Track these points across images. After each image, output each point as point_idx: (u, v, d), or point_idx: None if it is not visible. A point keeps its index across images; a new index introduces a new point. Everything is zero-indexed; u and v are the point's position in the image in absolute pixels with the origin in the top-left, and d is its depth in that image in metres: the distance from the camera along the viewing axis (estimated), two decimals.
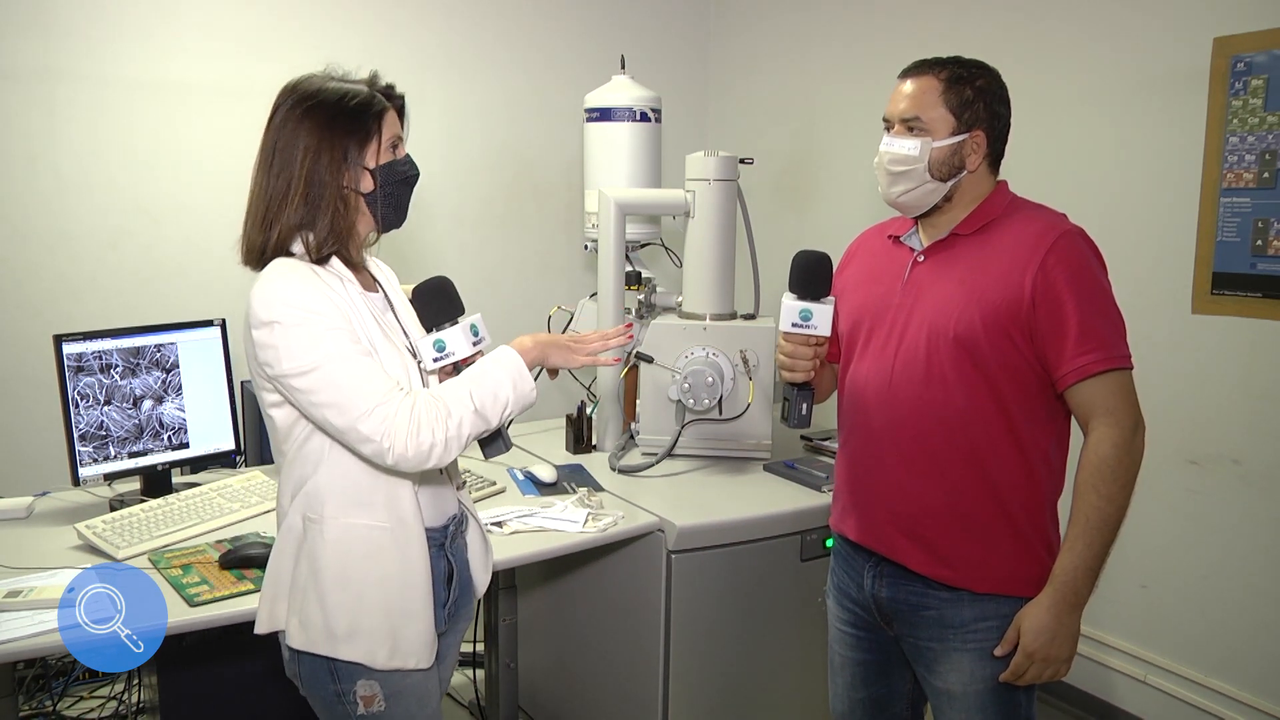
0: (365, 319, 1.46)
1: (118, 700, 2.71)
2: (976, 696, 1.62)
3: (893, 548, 1.67)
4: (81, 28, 2.78)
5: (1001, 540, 1.59)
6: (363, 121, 1.45)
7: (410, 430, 1.35)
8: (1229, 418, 2.41)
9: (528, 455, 2.62)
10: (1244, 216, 2.33)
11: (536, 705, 2.71)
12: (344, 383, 1.35)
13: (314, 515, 1.45)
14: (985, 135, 1.60)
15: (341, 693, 1.48)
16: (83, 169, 2.82)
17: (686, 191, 2.53)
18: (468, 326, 1.46)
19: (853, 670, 1.81)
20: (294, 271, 1.41)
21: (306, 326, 1.36)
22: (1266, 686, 2.38)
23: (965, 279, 1.59)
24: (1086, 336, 1.50)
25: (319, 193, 1.43)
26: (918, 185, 1.61)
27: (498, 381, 1.45)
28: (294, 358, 1.36)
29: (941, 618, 1.63)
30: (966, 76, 1.59)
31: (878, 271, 1.73)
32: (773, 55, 3.66)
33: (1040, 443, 1.59)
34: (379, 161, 1.46)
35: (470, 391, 1.42)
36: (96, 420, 2.13)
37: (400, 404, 1.36)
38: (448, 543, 1.58)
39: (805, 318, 1.65)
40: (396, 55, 3.24)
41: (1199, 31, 2.38)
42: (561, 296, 3.04)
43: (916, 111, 1.59)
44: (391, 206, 1.49)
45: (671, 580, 2.11)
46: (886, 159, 1.62)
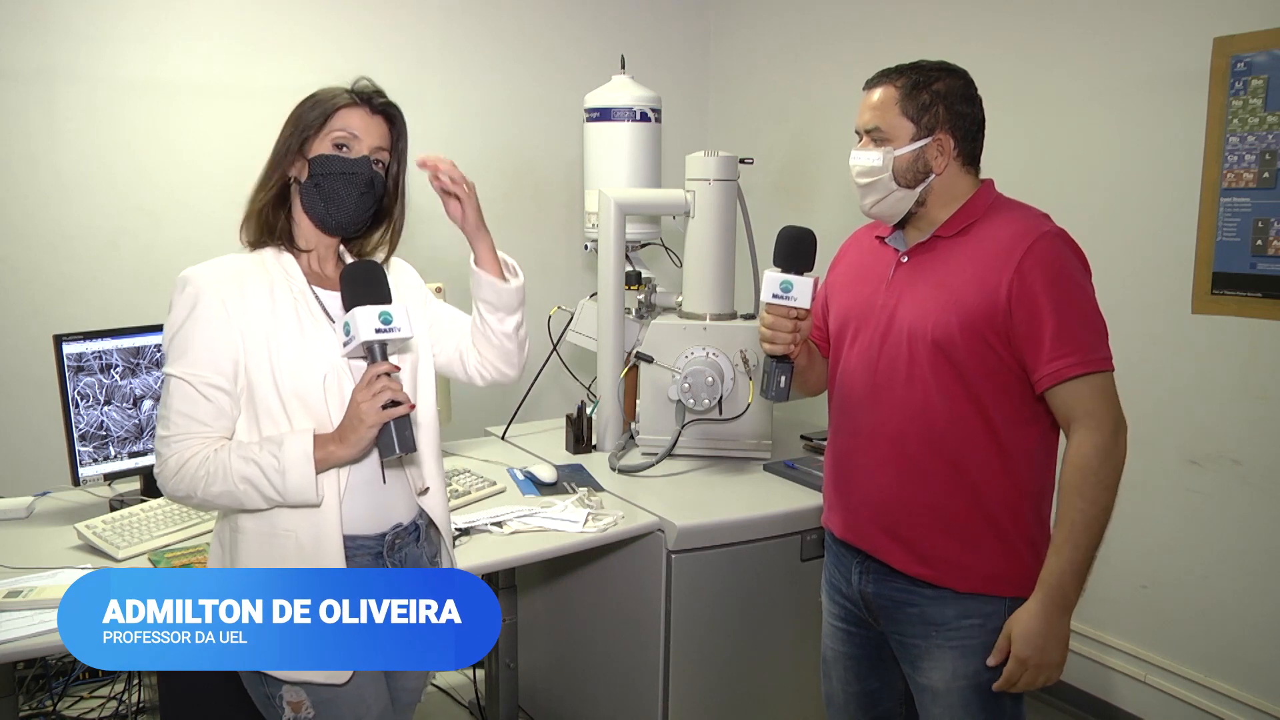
0: (285, 317, 1.46)
1: (118, 700, 2.71)
2: (960, 693, 1.62)
3: (875, 546, 1.68)
4: (81, 28, 2.78)
5: (983, 541, 1.59)
6: (317, 113, 1.48)
7: (177, 477, 1.43)
8: (1229, 418, 2.41)
9: (528, 455, 2.62)
10: (1244, 216, 2.33)
11: (536, 705, 2.71)
12: (171, 403, 1.44)
13: (231, 518, 1.49)
14: (951, 137, 1.60)
15: (270, 695, 1.49)
16: (83, 169, 2.82)
17: (686, 191, 2.53)
18: (378, 313, 1.41)
19: (845, 664, 1.81)
20: (218, 268, 1.46)
21: (181, 334, 1.44)
22: (1266, 686, 2.38)
23: (944, 281, 1.59)
24: (1062, 340, 1.50)
25: (269, 177, 1.50)
26: (886, 194, 1.63)
27: (272, 469, 1.41)
28: (166, 355, 1.47)
29: (924, 615, 1.64)
30: (924, 81, 1.60)
31: (865, 271, 1.74)
32: (773, 55, 3.66)
33: (1023, 444, 1.59)
34: (316, 151, 1.48)
35: (246, 474, 1.41)
36: (96, 420, 2.13)
37: (189, 449, 1.42)
38: (386, 552, 1.54)
39: (786, 289, 1.65)
40: (397, 55, 3.24)
41: (1199, 31, 2.38)
42: (561, 296, 3.04)
43: (876, 122, 1.62)
44: (320, 198, 1.49)
45: (671, 580, 2.11)
46: (854, 171, 1.66)
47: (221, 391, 1.43)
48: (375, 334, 1.40)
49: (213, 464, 1.41)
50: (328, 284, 1.54)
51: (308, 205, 1.50)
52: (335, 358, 1.47)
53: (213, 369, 1.42)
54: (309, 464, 1.40)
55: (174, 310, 1.45)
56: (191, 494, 1.43)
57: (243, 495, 1.41)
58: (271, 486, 1.40)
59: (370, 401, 1.38)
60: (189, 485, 1.42)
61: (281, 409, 1.44)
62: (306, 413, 1.45)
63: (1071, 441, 1.53)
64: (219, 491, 1.41)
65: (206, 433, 1.43)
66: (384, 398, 1.38)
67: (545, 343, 2.85)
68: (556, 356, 2.86)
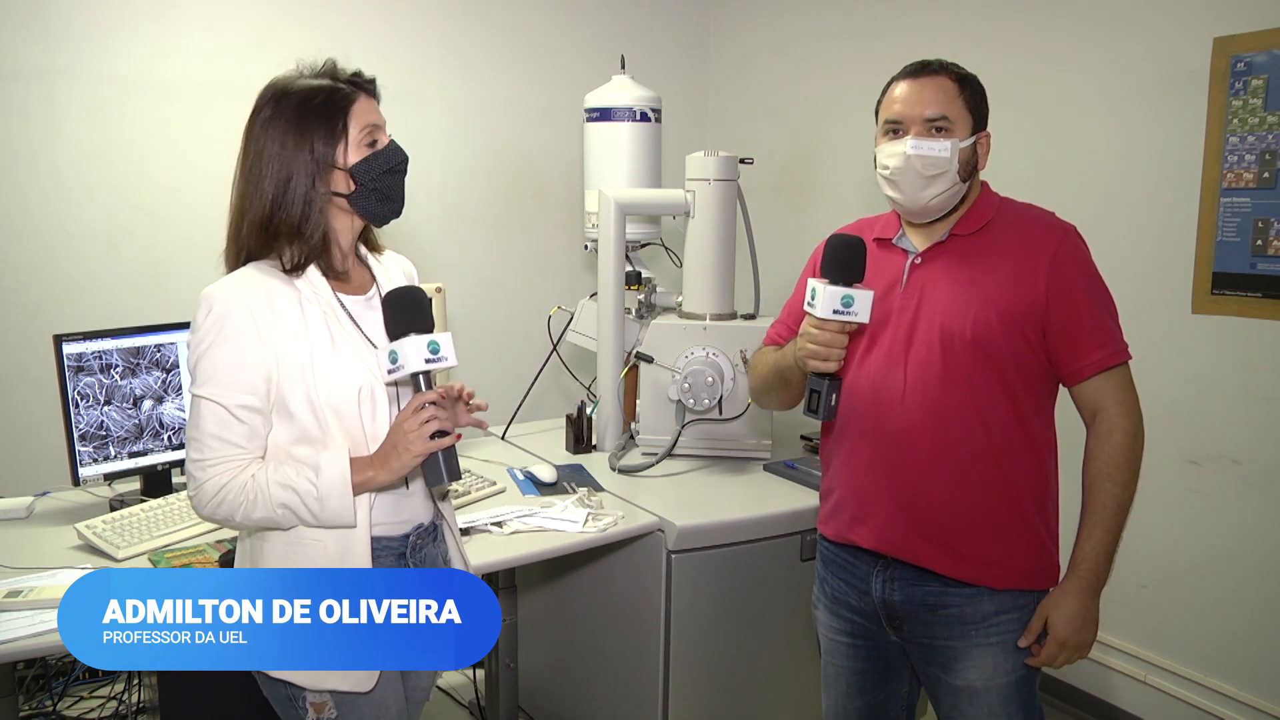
0: (317, 332, 1.43)
1: (118, 700, 2.71)
2: (1000, 690, 1.62)
3: (914, 552, 1.63)
4: (81, 27, 2.78)
5: (1017, 536, 1.61)
6: (330, 119, 1.42)
7: (214, 501, 1.40)
8: (1229, 418, 2.41)
9: (528, 455, 2.62)
10: (1244, 216, 2.33)
11: (536, 705, 2.71)
12: (203, 425, 1.40)
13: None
14: (987, 134, 1.62)
15: (293, 697, 1.48)
16: (83, 169, 2.82)
17: (686, 191, 2.53)
18: (426, 342, 1.40)
19: (849, 680, 1.78)
20: (243, 285, 1.41)
21: (210, 356, 1.39)
22: (1266, 686, 2.38)
23: (976, 279, 1.58)
24: (1099, 331, 1.56)
25: (290, 201, 1.42)
26: (950, 187, 1.58)
27: (310, 495, 1.40)
28: (196, 377, 1.42)
29: (962, 615, 1.62)
30: (968, 77, 1.61)
31: (870, 275, 1.64)
32: (772, 54, 3.66)
33: (1046, 435, 1.63)
34: (351, 159, 1.43)
35: (285, 500, 1.40)
36: (96, 420, 2.13)
37: (225, 473, 1.39)
38: (409, 553, 1.54)
39: (847, 304, 1.53)
40: (397, 54, 3.24)
41: (1199, 31, 2.38)
42: (561, 296, 3.04)
43: (944, 110, 1.56)
44: (378, 200, 1.46)
45: (671, 580, 2.11)
46: (919, 163, 1.56)
47: (254, 412, 1.41)
48: (425, 364, 1.40)
49: (251, 490, 1.39)
50: (348, 286, 1.52)
51: (363, 209, 1.47)
52: (368, 372, 1.45)
53: (245, 389, 1.40)
54: (347, 490, 1.39)
55: (200, 330, 1.40)
56: (230, 518, 1.42)
57: (280, 519, 1.41)
58: (309, 511, 1.40)
59: (418, 431, 1.38)
60: (228, 510, 1.41)
61: (316, 423, 1.43)
62: (340, 426, 1.43)
63: (1101, 429, 1.58)
64: (260, 517, 1.41)
65: (241, 455, 1.41)
66: (431, 428, 1.38)
67: (545, 343, 2.85)
68: (556, 356, 2.86)
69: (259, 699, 1.55)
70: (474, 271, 3.47)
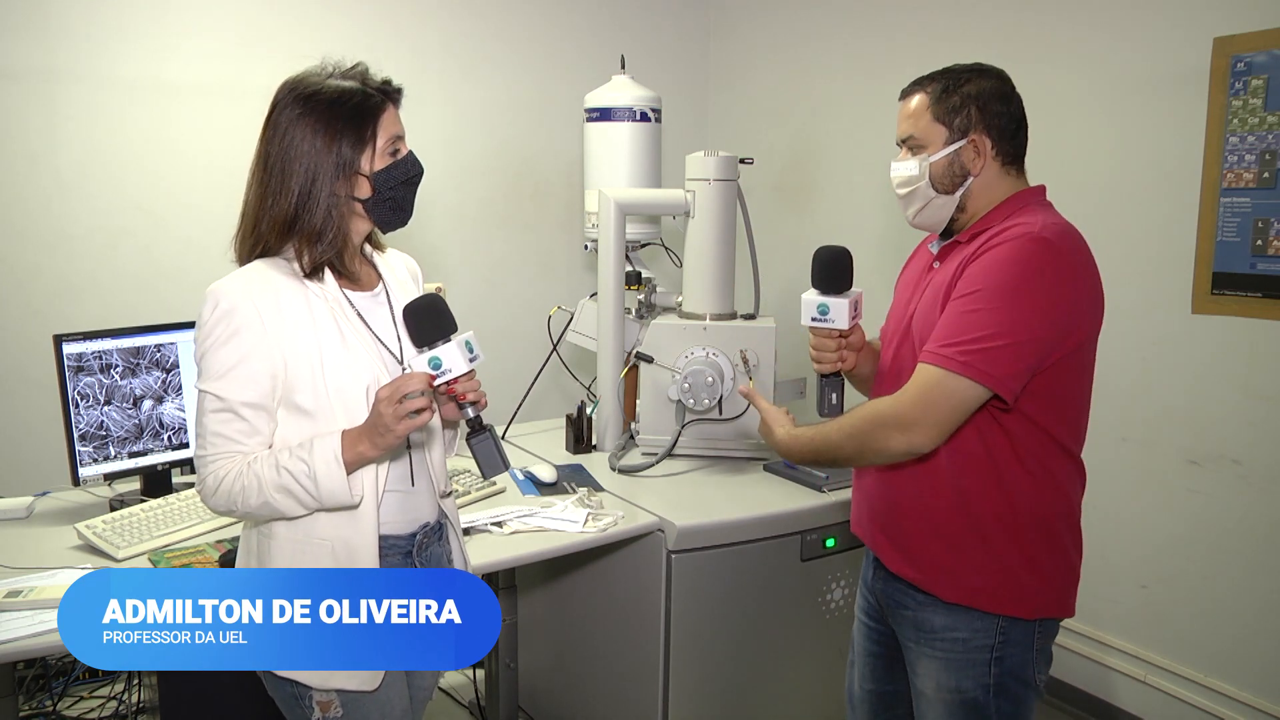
0: (325, 329, 1.43)
1: (118, 700, 2.71)
2: (946, 706, 1.62)
3: (874, 543, 1.72)
4: (81, 28, 2.78)
5: (972, 551, 1.57)
6: (359, 125, 1.42)
7: (216, 496, 1.42)
8: (1229, 418, 2.41)
9: (528, 455, 2.62)
10: (1244, 216, 2.33)
11: (536, 705, 2.71)
12: (206, 421, 1.42)
13: (263, 524, 1.48)
14: (986, 137, 1.58)
15: (299, 695, 1.48)
16: (83, 169, 2.82)
17: (686, 191, 2.53)
18: (463, 342, 1.42)
19: (865, 662, 1.82)
20: (249, 282, 1.41)
21: (215, 352, 1.40)
22: (1266, 686, 2.38)
23: (941, 285, 1.59)
24: (951, 329, 1.50)
25: (314, 202, 1.42)
26: (926, 202, 1.62)
27: (304, 474, 1.40)
28: (200, 372, 1.43)
29: (916, 620, 1.64)
30: (954, 84, 1.59)
31: (910, 277, 1.75)
32: (772, 54, 3.66)
33: (1047, 462, 1.54)
34: (376, 166, 1.44)
35: (280, 483, 1.40)
36: (96, 420, 2.13)
37: (224, 467, 1.41)
38: (416, 551, 1.55)
39: (823, 312, 1.69)
40: (397, 54, 3.23)
41: (1199, 31, 2.38)
42: (561, 296, 3.04)
43: (910, 130, 1.62)
44: (391, 209, 1.48)
45: (671, 580, 2.11)
46: (894, 183, 1.65)
47: (257, 409, 1.41)
48: (468, 364, 1.41)
49: (247, 478, 1.40)
50: (355, 284, 1.52)
51: (377, 217, 1.48)
52: (377, 368, 1.47)
53: (250, 386, 1.40)
54: (339, 465, 1.39)
55: (205, 326, 1.40)
56: (232, 509, 1.43)
57: (281, 505, 1.41)
58: (306, 492, 1.39)
59: (395, 410, 1.35)
60: (228, 502, 1.42)
61: (324, 419, 1.43)
62: (349, 421, 1.43)
63: (886, 398, 1.56)
64: (257, 504, 1.41)
65: (244, 450, 1.42)
66: (409, 406, 1.35)
67: (545, 343, 2.85)
68: (556, 356, 2.86)
69: (259, 699, 1.55)
70: (474, 271, 3.47)
